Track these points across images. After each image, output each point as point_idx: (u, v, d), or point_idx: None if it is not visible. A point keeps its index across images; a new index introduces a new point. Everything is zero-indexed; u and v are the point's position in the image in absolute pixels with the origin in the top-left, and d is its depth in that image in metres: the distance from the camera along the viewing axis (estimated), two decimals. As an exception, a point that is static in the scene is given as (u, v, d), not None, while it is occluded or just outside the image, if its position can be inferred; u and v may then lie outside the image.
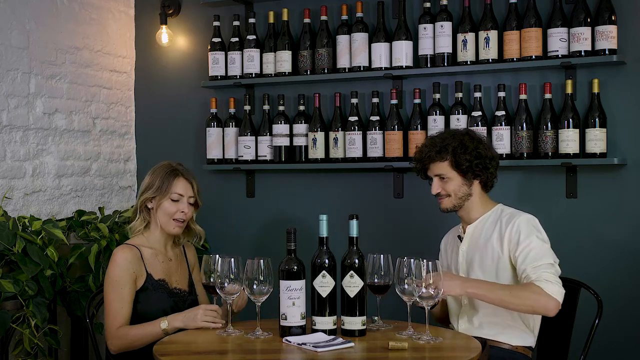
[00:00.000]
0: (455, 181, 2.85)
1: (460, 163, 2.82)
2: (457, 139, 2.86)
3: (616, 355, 3.46)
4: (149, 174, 2.97)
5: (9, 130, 3.65)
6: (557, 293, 2.65)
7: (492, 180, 2.92)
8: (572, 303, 3.05)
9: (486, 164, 2.86)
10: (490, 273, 2.81)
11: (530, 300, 2.63)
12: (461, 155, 2.82)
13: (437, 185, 2.88)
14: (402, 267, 2.50)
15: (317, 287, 2.54)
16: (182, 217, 2.90)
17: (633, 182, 3.44)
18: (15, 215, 3.54)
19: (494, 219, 2.88)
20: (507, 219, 2.84)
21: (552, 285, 2.65)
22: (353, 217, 2.58)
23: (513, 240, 2.78)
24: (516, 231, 2.78)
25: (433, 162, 2.88)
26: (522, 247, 2.75)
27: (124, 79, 4.41)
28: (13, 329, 3.27)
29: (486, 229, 2.87)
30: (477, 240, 2.88)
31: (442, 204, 2.90)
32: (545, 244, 2.79)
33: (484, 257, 2.84)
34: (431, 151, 2.87)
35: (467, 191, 2.87)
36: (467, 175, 2.85)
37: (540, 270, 2.69)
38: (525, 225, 2.79)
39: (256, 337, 2.48)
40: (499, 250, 2.81)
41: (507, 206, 2.94)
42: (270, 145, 4.01)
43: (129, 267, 2.80)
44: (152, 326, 2.69)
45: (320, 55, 3.89)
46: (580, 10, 3.41)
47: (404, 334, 2.52)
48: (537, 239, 2.77)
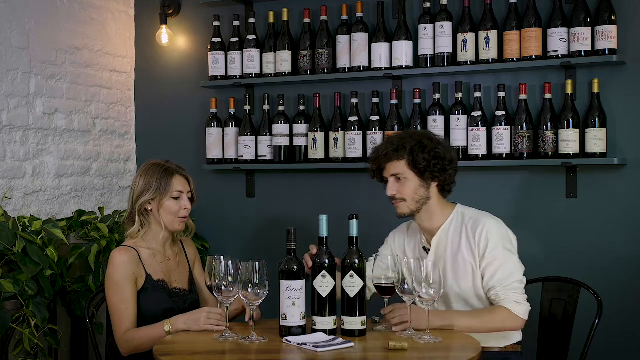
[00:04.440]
0: (412, 182, 2.75)
1: (417, 162, 2.72)
2: (415, 139, 2.76)
3: (616, 355, 3.46)
4: (141, 176, 2.90)
5: (9, 130, 3.65)
6: (524, 313, 2.71)
7: (450, 184, 2.81)
8: (572, 303, 3.06)
9: (444, 166, 2.75)
10: (467, 286, 2.76)
11: (498, 324, 2.70)
12: (419, 154, 2.72)
13: (392, 186, 2.77)
14: (402, 267, 2.50)
15: (317, 287, 2.53)
16: (185, 214, 2.90)
17: (633, 182, 3.44)
18: (15, 215, 3.53)
19: (457, 226, 2.80)
20: (472, 225, 2.77)
21: (519, 307, 2.69)
22: (353, 217, 2.58)
23: (481, 251, 2.73)
24: (484, 240, 2.72)
25: (390, 162, 2.76)
26: (490, 261, 2.71)
27: (124, 79, 4.41)
28: (13, 329, 3.27)
29: (451, 238, 2.79)
30: (445, 251, 2.80)
31: (398, 208, 2.79)
32: (512, 256, 2.74)
33: (456, 269, 2.77)
34: (388, 149, 2.76)
35: (425, 194, 2.76)
36: (425, 175, 2.74)
37: (509, 291, 2.69)
38: (494, 234, 2.73)
39: (251, 342, 2.46)
40: (472, 262, 2.75)
41: (464, 207, 2.86)
42: (270, 145, 4.01)
43: (127, 268, 2.79)
44: (156, 329, 2.68)
45: (320, 55, 3.89)
46: (580, 10, 3.41)
47: (404, 334, 2.52)
48: (505, 250, 2.73)
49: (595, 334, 2.92)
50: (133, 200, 2.90)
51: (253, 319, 2.53)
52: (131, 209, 2.91)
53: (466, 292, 2.77)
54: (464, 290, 2.77)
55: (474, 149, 3.59)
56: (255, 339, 2.47)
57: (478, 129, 3.57)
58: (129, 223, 2.92)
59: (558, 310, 3.09)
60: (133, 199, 2.90)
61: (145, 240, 2.90)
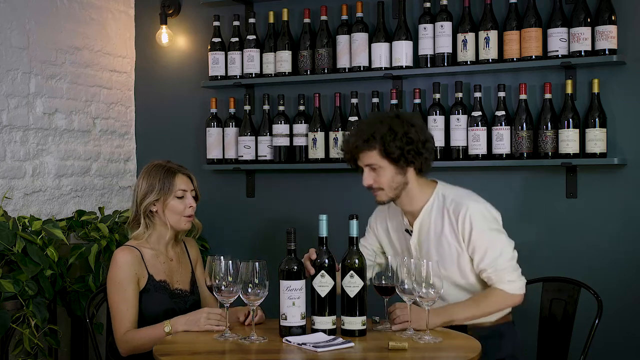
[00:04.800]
0: (387, 170, 2.66)
1: (390, 152, 2.62)
2: (385, 124, 2.64)
3: (616, 355, 3.46)
4: (143, 178, 2.89)
5: (9, 130, 3.65)
6: (519, 289, 2.70)
7: (428, 164, 2.72)
8: (572, 303, 3.06)
9: (419, 149, 2.65)
10: (452, 268, 2.74)
11: (497, 306, 2.71)
12: (390, 143, 2.61)
13: (368, 176, 2.69)
14: (401, 267, 2.50)
15: (316, 286, 2.54)
16: (191, 212, 2.90)
17: (633, 182, 3.44)
18: (15, 215, 3.53)
19: (438, 207, 2.74)
20: (454, 209, 2.70)
21: (513, 285, 2.68)
22: (353, 217, 2.58)
23: (466, 237, 2.69)
24: (468, 226, 2.68)
25: (361, 152, 2.67)
26: (477, 245, 2.67)
27: (124, 79, 4.41)
28: (13, 329, 3.27)
29: (434, 220, 2.75)
30: (428, 234, 2.76)
31: (377, 197, 2.73)
32: (499, 235, 2.71)
33: (441, 253, 2.73)
34: (358, 140, 2.66)
35: (402, 180, 2.69)
36: (400, 163, 2.65)
37: (500, 272, 2.67)
38: (476, 217, 2.68)
39: (251, 342, 2.47)
40: (456, 246, 2.72)
41: (444, 185, 2.80)
42: (270, 145, 4.01)
43: (130, 268, 2.78)
44: (155, 330, 2.68)
45: (320, 55, 3.89)
46: (580, 10, 3.41)
47: (404, 334, 2.52)
48: (490, 231, 2.69)
49: (595, 334, 2.92)
50: (137, 203, 2.88)
51: (253, 319, 2.53)
52: (136, 212, 2.89)
53: (452, 275, 2.75)
54: (450, 272, 2.74)
55: (474, 149, 3.59)
56: (255, 339, 2.47)
57: (478, 129, 3.57)
58: (134, 226, 2.90)
59: (558, 310, 3.09)
60: (137, 201, 2.88)
61: (149, 241, 2.90)
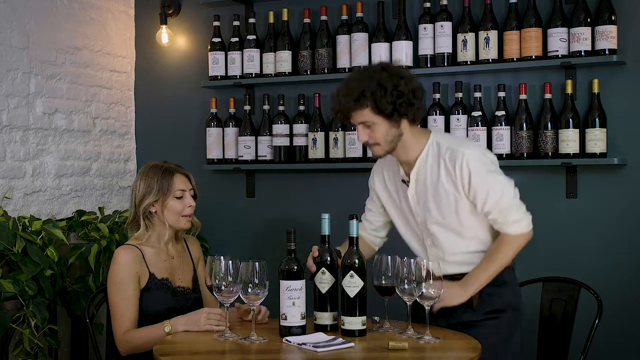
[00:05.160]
0: (381, 126, 2.64)
1: (382, 108, 2.60)
2: (374, 80, 2.60)
3: (616, 355, 3.46)
4: (140, 180, 2.88)
5: (9, 130, 3.65)
6: (526, 226, 2.69)
7: (420, 114, 2.70)
8: (572, 303, 3.05)
9: (410, 101, 2.63)
10: (450, 216, 2.72)
11: (511, 252, 2.69)
12: (381, 99, 2.59)
13: (362, 133, 2.67)
14: (401, 267, 2.50)
15: (317, 283, 2.56)
16: (190, 212, 2.90)
17: (633, 182, 3.44)
18: (15, 215, 3.53)
19: (434, 156, 2.73)
20: (450, 157, 2.68)
21: (520, 224, 2.67)
22: (353, 217, 2.58)
23: (465, 183, 2.67)
24: (467, 172, 2.66)
25: (353, 112, 2.64)
26: (478, 189, 2.65)
27: (124, 79, 4.41)
28: (13, 329, 3.27)
29: (430, 169, 2.73)
30: (425, 183, 2.74)
31: (373, 151, 2.71)
32: (498, 176, 2.70)
33: (438, 201, 2.72)
34: (349, 101, 2.63)
35: (397, 132, 2.67)
36: (393, 117, 2.63)
37: (505, 211, 2.65)
38: (474, 163, 2.66)
39: (251, 342, 2.47)
40: (454, 192, 2.69)
41: (438, 134, 2.80)
42: (270, 145, 4.01)
43: (131, 267, 2.78)
44: (155, 330, 2.68)
45: (320, 55, 3.89)
46: (580, 10, 3.41)
47: (404, 334, 2.52)
48: (489, 174, 2.67)
49: (595, 334, 2.92)
50: (136, 205, 2.88)
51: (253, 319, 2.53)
52: (134, 213, 2.89)
53: (450, 222, 2.73)
54: (448, 220, 2.73)
55: (474, 149, 3.59)
56: (255, 339, 2.47)
57: (478, 129, 3.57)
58: (134, 227, 2.90)
59: (558, 310, 3.09)
60: (135, 203, 2.88)
61: (148, 239, 2.90)
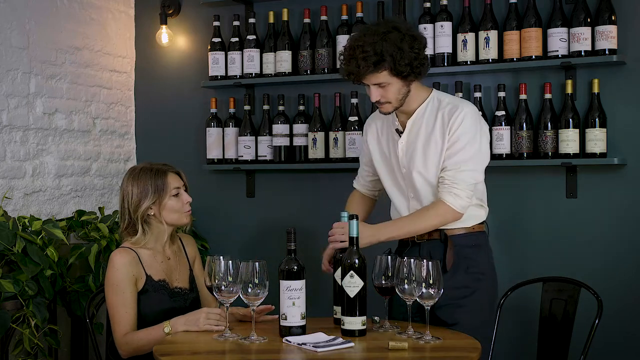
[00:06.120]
0: (395, 86, 2.69)
1: (401, 70, 2.64)
2: (391, 42, 2.62)
3: (616, 355, 3.46)
4: (131, 185, 2.82)
5: (9, 130, 3.65)
6: (460, 208, 2.71)
7: (427, 69, 2.75)
8: (572, 303, 3.06)
9: (423, 61, 2.69)
10: (433, 169, 2.75)
11: (435, 221, 2.73)
12: (400, 62, 2.63)
13: (375, 93, 2.71)
14: (402, 267, 2.50)
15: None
16: (189, 207, 2.91)
17: (633, 182, 3.44)
18: (15, 215, 3.54)
19: (432, 109, 2.76)
20: (450, 110, 2.72)
21: (458, 200, 2.70)
22: (353, 217, 2.57)
23: (452, 130, 2.69)
24: (459, 121, 2.68)
25: (370, 74, 2.67)
26: (455, 141, 2.68)
27: (124, 79, 4.41)
28: (13, 329, 3.27)
29: (426, 121, 2.76)
30: (418, 134, 2.77)
31: (383, 109, 2.75)
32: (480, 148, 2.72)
33: (427, 153, 2.75)
34: (367, 65, 2.64)
35: (407, 90, 2.73)
36: (408, 78, 2.68)
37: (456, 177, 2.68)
38: (469, 118, 2.69)
39: (251, 342, 2.47)
40: (442, 145, 2.73)
41: (441, 92, 2.84)
42: (270, 145, 4.01)
43: (127, 270, 2.77)
44: (155, 331, 2.68)
45: (320, 55, 3.89)
46: (580, 10, 3.41)
47: (404, 334, 2.52)
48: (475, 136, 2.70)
49: (595, 334, 2.92)
50: (130, 211, 2.83)
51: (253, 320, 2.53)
52: (129, 219, 2.84)
53: (432, 176, 2.76)
54: (430, 174, 2.76)
55: (474, 149, 3.58)
56: (255, 339, 2.47)
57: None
58: (130, 233, 2.85)
59: (558, 310, 3.09)
60: (130, 209, 2.83)
61: (146, 243, 2.88)
